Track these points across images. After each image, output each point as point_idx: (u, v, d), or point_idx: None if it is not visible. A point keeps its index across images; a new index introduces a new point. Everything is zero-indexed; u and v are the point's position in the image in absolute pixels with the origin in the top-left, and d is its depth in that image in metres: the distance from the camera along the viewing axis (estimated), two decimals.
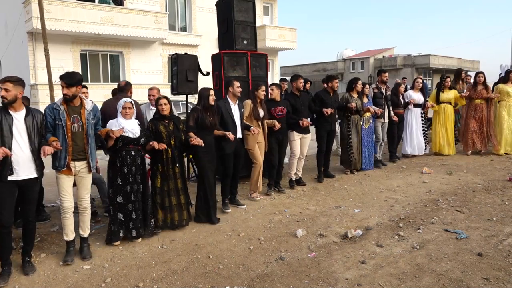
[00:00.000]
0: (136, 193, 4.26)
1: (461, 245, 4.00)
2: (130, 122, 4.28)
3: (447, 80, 8.59)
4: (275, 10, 22.98)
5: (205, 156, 4.81)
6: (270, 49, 20.79)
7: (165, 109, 4.54)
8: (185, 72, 6.58)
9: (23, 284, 3.45)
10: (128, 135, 4.18)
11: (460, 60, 39.46)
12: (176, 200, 4.58)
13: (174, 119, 4.63)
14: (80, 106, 3.85)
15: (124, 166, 4.21)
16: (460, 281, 3.28)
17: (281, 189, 6.18)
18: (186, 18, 19.64)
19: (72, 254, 3.90)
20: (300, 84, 6.28)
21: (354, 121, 7.07)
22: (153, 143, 4.31)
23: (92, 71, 16.84)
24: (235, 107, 5.37)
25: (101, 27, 15.60)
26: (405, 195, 5.88)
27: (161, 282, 3.43)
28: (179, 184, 4.60)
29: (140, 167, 4.29)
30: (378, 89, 7.81)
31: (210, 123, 4.84)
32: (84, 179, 3.95)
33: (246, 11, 6.90)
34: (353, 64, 40.36)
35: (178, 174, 4.59)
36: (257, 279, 3.44)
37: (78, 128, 3.80)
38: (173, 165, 4.53)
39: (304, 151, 6.45)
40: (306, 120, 6.13)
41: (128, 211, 4.23)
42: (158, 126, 4.51)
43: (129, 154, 4.22)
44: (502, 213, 4.93)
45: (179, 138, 4.60)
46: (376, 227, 4.60)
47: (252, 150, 5.61)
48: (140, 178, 4.29)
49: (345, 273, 3.50)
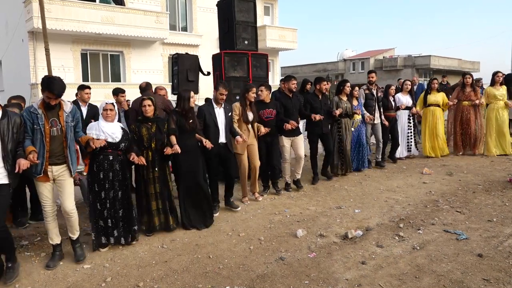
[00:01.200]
0: (113, 200, 4.06)
1: (461, 246, 4.00)
2: (111, 125, 4.08)
3: (434, 82, 8.49)
4: (276, 10, 22.97)
5: (185, 161, 4.61)
6: (271, 49, 20.77)
7: (149, 111, 4.40)
8: (186, 72, 6.60)
9: (23, 284, 3.45)
10: (107, 139, 3.97)
11: (460, 61, 39.47)
12: (155, 205, 4.46)
13: (158, 122, 4.48)
14: (58, 108, 3.64)
15: (100, 171, 4.02)
16: (460, 282, 3.28)
17: (278, 190, 6.07)
18: (187, 18, 19.63)
19: (56, 259, 3.78)
20: (292, 85, 6.07)
21: (345, 124, 6.88)
22: (133, 158, 4.13)
23: (93, 70, 16.84)
24: (220, 110, 5.14)
25: (101, 27, 15.59)
26: (406, 195, 5.87)
27: (161, 281, 3.43)
28: (157, 188, 4.44)
29: (119, 172, 4.08)
30: (369, 90, 7.67)
31: (190, 127, 4.66)
32: (65, 184, 3.74)
33: (247, 11, 6.91)
34: (353, 65, 40.37)
35: (157, 179, 4.43)
36: (257, 279, 3.44)
37: (57, 131, 3.61)
38: (152, 169, 4.40)
39: (300, 153, 6.15)
40: (292, 122, 5.77)
41: (104, 217, 4.07)
42: (140, 129, 4.39)
43: (106, 159, 4.02)
44: (502, 214, 4.93)
45: (161, 142, 4.44)
46: (376, 228, 4.60)
47: (241, 154, 5.45)
48: (120, 184, 4.09)
49: (345, 273, 3.50)
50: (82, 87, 6.04)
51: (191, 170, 4.65)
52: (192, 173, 4.66)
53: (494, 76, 8.51)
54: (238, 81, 6.49)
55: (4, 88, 17.82)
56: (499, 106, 8.37)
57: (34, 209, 5.05)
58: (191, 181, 4.67)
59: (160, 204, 4.48)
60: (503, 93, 8.40)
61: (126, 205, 4.17)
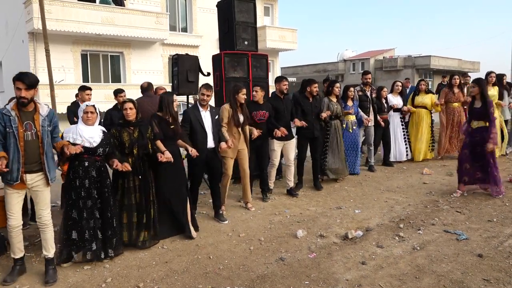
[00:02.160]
0: (91, 209, 3.75)
1: (461, 246, 4.00)
2: (91, 129, 3.78)
3: (422, 84, 8.28)
4: (276, 10, 22.99)
5: (164, 170, 4.30)
6: (271, 50, 20.78)
7: (130, 114, 4.07)
8: (186, 72, 6.59)
9: (23, 284, 3.45)
10: (83, 144, 3.67)
11: (460, 61, 39.42)
12: (136, 217, 4.12)
13: (141, 126, 4.15)
14: (33, 111, 3.39)
15: (76, 178, 3.72)
16: (460, 282, 3.28)
17: (265, 199, 5.80)
18: (186, 19, 19.65)
19: (15, 274, 3.51)
20: (284, 86, 5.86)
21: (334, 127, 6.59)
22: (116, 165, 3.85)
23: (93, 71, 16.85)
24: (206, 113, 4.83)
25: (101, 28, 15.61)
26: (406, 196, 5.88)
27: (161, 282, 3.44)
28: (137, 199, 4.11)
29: (96, 179, 3.77)
30: (362, 91, 7.48)
31: (174, 132, 4.40)
32: (41, 193, 3.48)
33: (246, 11, 6.91)
34: (353, 65, 40.34)
35: (137, 188, 4.10)
36: (257, 280, 3.44)
37: (31, 136, 3.34)
38: (133, 176, 4.07)
39: (290, 158, 5.99)
40: (283, 129, 5.54)
41: (82, 229, 3.74)
42: (121, 134, 4.05)
43: (81, 166, 3.71)
44: (502, 214, 4.93)
45: (144, 147, 4.12)
46: (376, 228, 4.60)
47: (231, 158, 5.18)
48: (98, 192, 3.78)
49: (346, 274, 3.50)
50: (83, 88, 6.06)
51: (171, 179, 4.36)
52: (172, 183, 4.37)
53: (487, 76, 8.44)
54: (238, 82, 6.48)
55: (4, 89, 17.84)
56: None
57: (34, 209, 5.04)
58: (170, 191, 4.37)
59: (134, 217, 4.10)
60: (494, 94, 8.24)
61: (107, 215, 3.83)
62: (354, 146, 7.10)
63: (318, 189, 6.29)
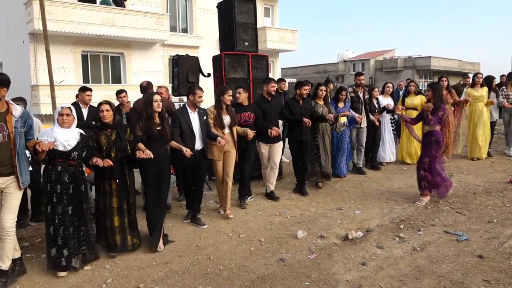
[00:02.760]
0: (62, 216, 3.59)
1: (461, 247, 4.00)
2: (67, 132, 3.64)
3: (411, 85, 8.15)
4: (276, 11, 22.99)
5: (151, 170, 4.18)
6: (271, 51, 20.77)
7: (107, 116, 3.91)
8: (186, 73, 6.60)
9: (24, 285, 3.45)
10: (57, 148, 3.52)
11: (461, 62, 39.46)
12: (117, 221, 3.98)
13: (119, 128, 4.02)
14: (6, 112, 3.28)
15: (48, 183, 3.58)
16: (460, 283, 3.28)
17: (243, 205, 5.55)
18: (187, 20, 19.65)
19: (14, 275, 3.46)
20: (271, 88, 5.73)
21: (321, 129, 6.38)
22: (97, 161, 3.70)
23: (93, 72, 16.84)
24: (195, 115, 4.75)
25: (102, 28, 15.61)
26: (406, 196, 5.87)
27: (161, 283, 3.44)
28: (114, 203, 3.95)
29: (69, 185, 3.62)
30: (354, 92, 7.34)
31: (160, 133, 4.24)
32: (10, 197, 3.33)
33: (247, 12, 6.91)
34: (353, 66, 40.37)
35: (115, 191, 3.95)
36: (257, 281, 3.44)
37: (3, 137, 3.23)
38: (110, 180, 3.93)
39: (276, 161, 5.88)
40: (276, 129, 5.50)
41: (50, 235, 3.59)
42: (99, 137, 3.91)
43: (54, 170, 3.58)
44: (502, 215, 4.93)
45: (122, 150, 3.96)
46: (376, 229, 4.60)
47: (219, 161, 5.06)
48: (69, 198, 3.62)
49: (346, 274, 3.50)
50: (84, 89, 6.05)
51: (156, 183, 4.24)
52: (156, 187, 4.26)
53: (474, 77, 8.43)
54: (238, 83, 6.48)
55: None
56: (479, 108, 8.25)
57: (35, 209, 5.06)
58: (153, 196, 4.26)
59: (116, 221, 3.97)
60: (483, 95, 8.26)
61: (78, 222, 3.69)
62: (340, 147, 6.97)
63: (303, 195, 6.05)
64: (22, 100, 4.99)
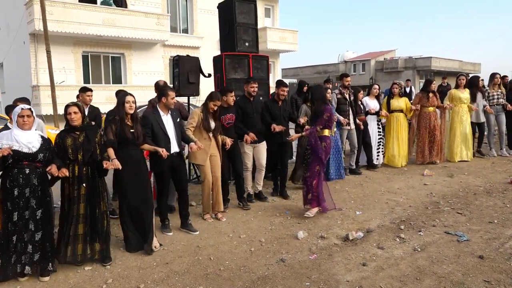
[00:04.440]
0: (27, 221, 3.45)
1: (462, 248, 4.00)
2: (28, 134, 3.49)
3: (394, 87, 8.01)
4: (277, 12, 23.01)
5: (129, 174, 4.06)
6: (272, 51, 20.78)
7: (75, 119, 3.70)
8: (187, 74, 6.60)
9: (24, 285, 3.45)
10: (21, 150, 3.41)
11: (461, 63, 39.44)
12: (82, 229, 3.72)
13: (87, 130, 3.79)
14: None
15: (14, 187, 3.41)
16: (461, 284, 3.28)
17: (246, 206, 5.51)
18: (187, 20, 19.68)
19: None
20: (251, 89, 5.63)
21: None
22: (50, 169, 3.47)
23: (94, 72, 16.87)
24: (167, 117, 4.59)
25: (102, 29, 15.63)
26: (406, 197, 5.87)
27: (162, 283, 3.44)
28: (81, 209, 3.70)
29: (37, 188, 3.49)
30: (341, 94, 7.21)
31: (134, 135, 4.08)
32: None
33: (247, 13, 6.92)
34: (354, 66, 40.38)
35: (83, 197, 3.69)
36: (258, 281, 3.44)
37: None
38: (79, 185, 3.68)
39: (262, 162, 5.78)
40: (252, 135, 5.39)
41: (13, 243, 3.43)
42: (65, 140, 3.69)
43: (21, 173, 3.42)
44: (503, 215, 4.93)
45: (90, 153, 3.73)
46: (377, 229, 4.60)
47: (203, 166, 4.94)
48: (37, 202, 3.49)
49: (346, 275, 3.50)
50: (84, 89, 6.05)
51: (136, 184, 4.11)
52: (138, 188, 4.12)
53: (457, 79, 8.36)
54: (239, 83, 6.49)
55: (5, 90, 17.89)
56: (463, 109, 8.20)
57: None
58: (136, 198, 4.11)
59: (80, 229, 3.71)
60: (467, 97, 8.22)
61: (46, 227, 3.55)
62: (336, 150, 6.92)
63: (285, 198, 5.96)
64: (26, 100, 4.99)
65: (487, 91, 8.64)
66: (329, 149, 5.05)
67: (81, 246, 3.72)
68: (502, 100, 8.52)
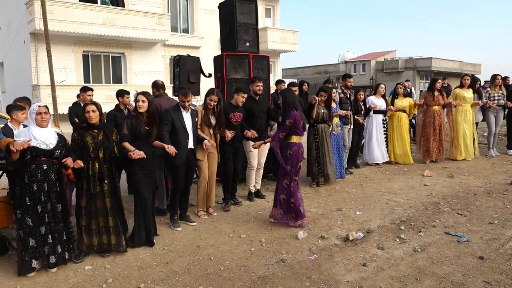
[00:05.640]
0: (51, 213, 3.63)
1: (462, 248, 4.00)
2: (45, 131, 3.63)
3: (399, 87, 8.19)
4: (277, 12, 23.01)
5: (142, 170, 4.23)
6: (272, 51, 20.79)
7: (93, 117, 3.85)
8: (187, 73, 6.60)
9: (24, 285, 3.45)
10: (39, 146, 3.54)
11: (462, 63, 39.42)
12: (104, 222, 3.94)
13: (105, 129, 3.97)
14: None
15: (33, 182, 3.55)
16: (461, 284, 3.28)
17: (237, 202, 5.67)
18: (188, 20, 19.68)
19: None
20: (257, 87, 5.75)
21: (321, 131, 6.41)
22: (66, 161, 3.65)
23: (94, 72, 16.87)
24: (187, 115, 4.81)
25: (103, 28, 15.63)
26: (407, 198, 5.87)
27: (162, 283, 3.44)
28: (107, 203, 3.92)
29: (55, 183, 3.66)
30: (343, 94, 7.39)
31: (147, 133, 4.25)
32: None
33: (248, 13, 6.92)
34: (354, 67, 40.35)
35: (107, 192, 3.91)
36: (258, 281, 3.44)
37: None
38: (100, 181, 3.86)
39: (261, 161, 5.91)
40: (252, 132, 5.43)
41: (41, 234, 3.59)
42: (84, 137, 3.83)
43: (40, 169, 3.56)
44: (503, 216, 4.93)
45: (110, 151, 3.92)
46: (377, 230, 4.60)
47: (201, 160, 5.06)
48: (56, 196, 3.66)
49: (346, 275, 3.50)
50: (85, 89, 6.06)
51: (147, 181, 4.30)
52: (148, 184, 4.32)
53: (461, 79, 8.46)
54: (239, 83, 6.49)
55: (6, 89, 17.90)
56: (467, 109, 8.29)
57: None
58: (147, 193, 4.29)
59: (111, 221, 3.95)
60: (471, 96, 8.34)
61: (66, 219, 3.77)
62: (339, 149, 6.97)
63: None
64: (27, 99, 5.00)
65: (488, 92, 8.69)
66: (296, 156, 4.73)
67: (105, 237, 3.95)
68: (503, 101, 8.60)
